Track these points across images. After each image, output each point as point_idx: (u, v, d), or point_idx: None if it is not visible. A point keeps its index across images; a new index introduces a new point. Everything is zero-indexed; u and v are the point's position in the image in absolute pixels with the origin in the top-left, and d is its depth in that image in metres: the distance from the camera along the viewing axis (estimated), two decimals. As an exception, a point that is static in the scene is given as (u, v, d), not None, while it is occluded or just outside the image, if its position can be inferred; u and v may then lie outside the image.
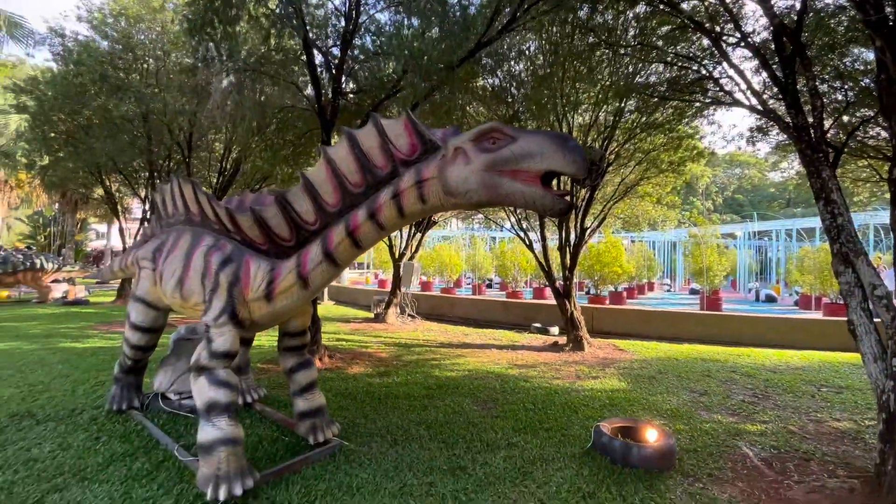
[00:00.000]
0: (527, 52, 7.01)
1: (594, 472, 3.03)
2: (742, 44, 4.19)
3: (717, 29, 4.51)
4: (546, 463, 3.19)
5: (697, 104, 5.95)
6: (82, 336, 7.76)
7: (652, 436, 3.29)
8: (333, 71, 6.19)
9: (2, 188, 19.90)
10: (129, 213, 16.31)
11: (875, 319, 2.89)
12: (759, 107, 3.98)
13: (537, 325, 9.69)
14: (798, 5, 3.77)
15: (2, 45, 9.44)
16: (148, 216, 11.17)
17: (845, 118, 4.99)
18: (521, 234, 8.86)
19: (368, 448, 3.37)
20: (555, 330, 9.23)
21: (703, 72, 5.02)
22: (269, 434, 3.61)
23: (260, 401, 4.33)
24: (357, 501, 2.63)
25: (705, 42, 4.96)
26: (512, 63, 7.19)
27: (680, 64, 5.29)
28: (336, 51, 6.38)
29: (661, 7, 4.62)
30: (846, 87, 4.59)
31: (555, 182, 2.11)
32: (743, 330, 8.41)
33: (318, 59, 6.19)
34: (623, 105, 6.81)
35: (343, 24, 6.02)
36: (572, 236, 7.87)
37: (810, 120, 3.32)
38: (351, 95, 6.86)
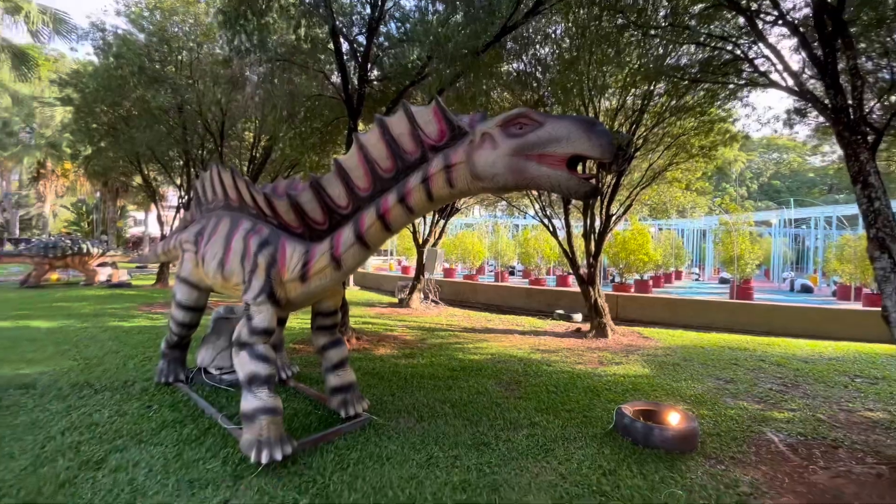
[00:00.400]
0: (553, 35, 6.91)
1: (615, 452, 3.11)
2: (779, 22, 4.03)
3: (753, 6, 4.34)
4: (567, 442, 3.28)
5: (731, 86, 5.76)
6: (128, 316, 8.28)
7: (674, 419, 3.33)
8: (359, 59, 6.29)
9: (49, 177, 21.10)
10: (165, 201, 17.00)
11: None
12: (796, 88, 3.85)
13: (560, 311, 9.70)
14: (842, -20, 3.60)
15: (49, 40, 9.93)
16: (185, 203, 11.65)
17: (894, 98, 4.75)
18: (546, 222, 8.83)
19: (396, 423, 3.54)
20: (578, 317, 9.22)
21: (738, 52, 4.86)
22: (303, 408, 3.83)
23: (294, 377, 4.58)
24: (386, 470, 2.80)
25: (740, 20, 4.79)
26: (537, 47, 7.09)
27: (713, 44, 5.12)
28: (362, 39, 6.47)
29: (694, -15, 4.48)
30: (893, 65, 4.36)
31: (581, 166, 2.13)
32: (773, 320, 8.19)
33: (345, 47, 6.30)
34: (652, 88, 6.65)
35: (369, 11, 6.09)
36: (597, 223, 7.80)
37: (850, 101, 3.21)
38: (376, 83, 6.95)
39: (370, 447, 3.11)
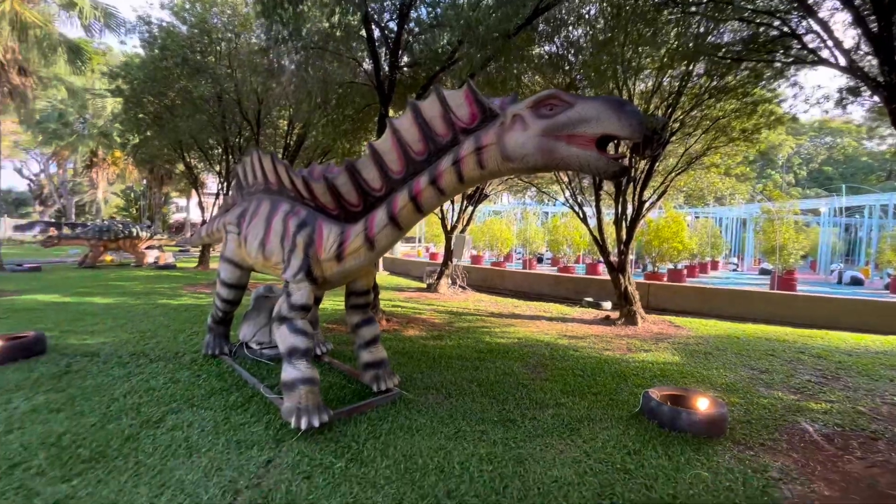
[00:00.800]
0: (586, 16, 6.73)
1: (640, 434, 3.14)
2: (832, -6, 3.81)
3: (804, -21, 4.11)
4: (593, 422, 3.33)
5: (777, 64, 5.47)
6: (175, 295, 8.83)
7: (703, 405, 3.32)
8: (390, 45, 6.35)
9: (101, 165, 22.47)
10: (204, 188, 17.75)
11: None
12: (848, 65, 3.64)
13: (589, 299, 9.61)
14: (903, -54, 3.36)
15: (100, 34, 10.52)
16: (224, 189, 12.14)
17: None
18: (576, 208, 8.71)
19: (425, 399, 3.69)
20: (607, 305, 9.12)
21: (785, 28, 4.61)
22: (337, 381, 4.04)
23: (328, 354, 4.81)
24: (416, 441, 2.95)
25: (789, -6, 4.54)
26: (570, 29, 6.92)
27: (758, 20, 4.88)
28: (393, 25, 6.51)
29: (739, -42, 4.27)
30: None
31: (613, 148, 2.14)
32: (816, 311, 7.84)
33: (376, 34, 6.37)
34: (691, 69, 6.39)
35: (400, -3, 6.11)
36: (629, 210, 7.64)
37: (906, 78, 3.03)
38: (406, 69, 7.01)
39: (400, 419, 3.27)
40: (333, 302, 8.02)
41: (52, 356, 4.42)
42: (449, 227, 11.09)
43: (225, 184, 12.13)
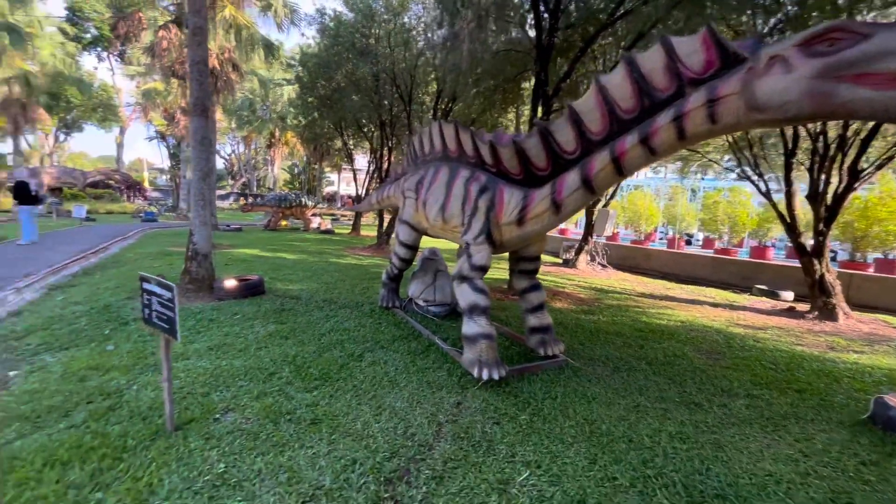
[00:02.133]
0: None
1: (875, 444, 2.63)
2: None
3: None
4: (803, 422, 2.89)
5: None
6: (341, 255, 10.19)
7: (972, 423, 2.61)
8: (550, 5, 6.07)
9: (277, 145, 26.72)
10: (353, 163, 19.70)
11: None
12: None
13: (762, 286, 8.26)
14: None
15: (287, 30, 12.30)
16: (377, 161, 13.27)
17: None
18: (755, 180, 7.42)
19: (593, 369, 3.64)
20: (788, 295, 7.73)
21: None
22: (501, 342, 4.20)
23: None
24: (594, 408, 2.93)
25: None
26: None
27: None
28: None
29: None
30: None
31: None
32: None
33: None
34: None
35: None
36: (832, 183, 6.22)
37: None
38: (566, 29, 6.65)
39: (572, 385, 3.28)
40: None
41: (269, 296, 5.51)
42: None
43: (377, 157, 13.26)
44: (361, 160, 20.60)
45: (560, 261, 11.47)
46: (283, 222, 18.05)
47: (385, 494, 1.97)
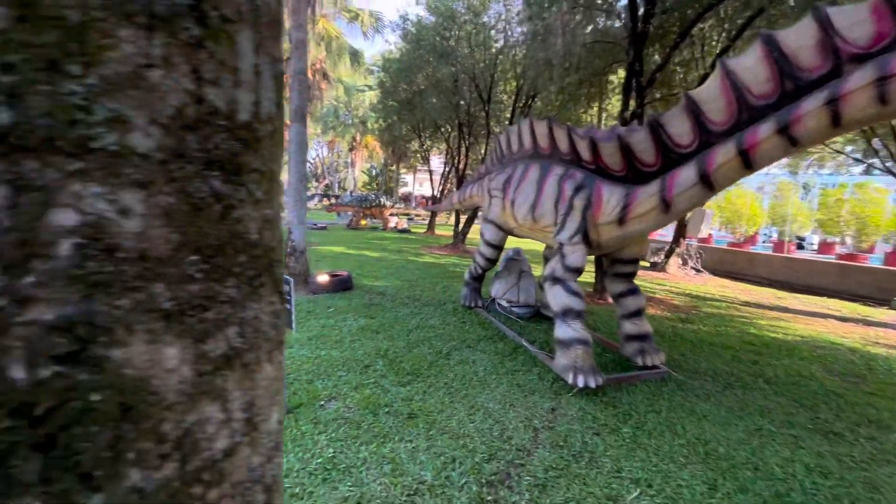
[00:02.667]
0: None
1: None
2: None
3: None
4: None
5: None
6: (418, 253, 10.45)
7: None
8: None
9: (358, 148, 28.20)
10: (429, 165, 20.08)
11: None
12: None
13: (906, 300, 6.98)
14: None
15: (371, 38, 12.94)
16: (454, 161, 13.40)
17: None
18: (899, 172, 6.29)
19: (700, 384, 3.31)
20: (943, 311, 6.44)
21: None
22: (594, 349, 3.99)
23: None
24: (706, 427, 2.65)
25: None
26: None
27: None
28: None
29: None
30: None
31: None
32: None
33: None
34: None
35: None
36: None
37: None
38: (661, 15, 6.15)
39: (678, 399, 3.01)
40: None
41: (357, 291, 5.78)
42: (684, 199, 9.63)
43: (454, 157, 13.39)
44: (435, 161, 20.97)
45: (647, 264, 10.68)
46: (364, 221, 18.98)
47: (488, 497, 1.94)
